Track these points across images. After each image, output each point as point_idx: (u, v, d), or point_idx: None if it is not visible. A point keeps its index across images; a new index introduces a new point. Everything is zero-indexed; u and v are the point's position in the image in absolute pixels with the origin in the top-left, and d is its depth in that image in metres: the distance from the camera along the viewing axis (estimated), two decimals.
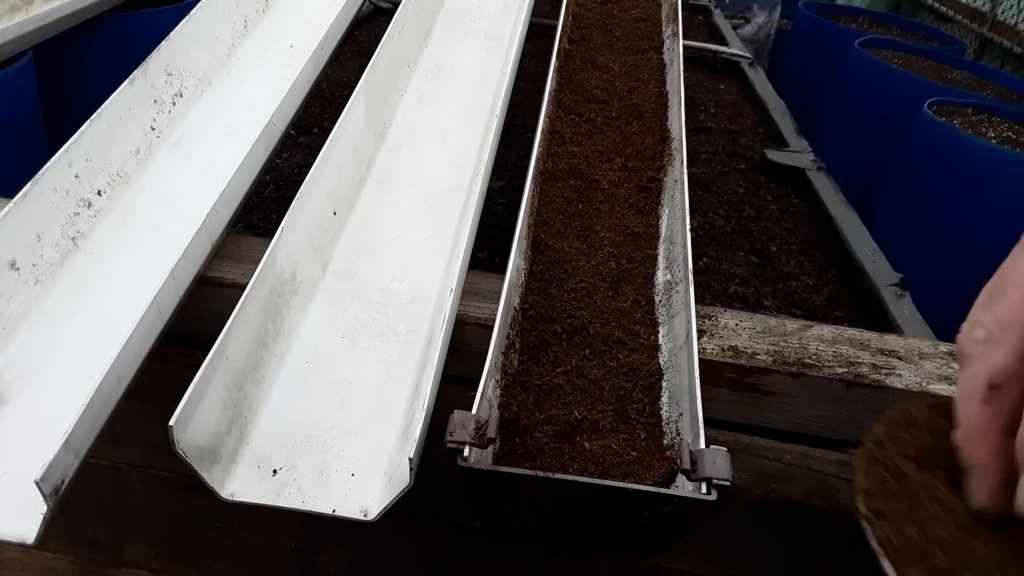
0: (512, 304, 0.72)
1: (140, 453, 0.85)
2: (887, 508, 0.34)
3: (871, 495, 0.35)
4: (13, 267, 0.71)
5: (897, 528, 0.33)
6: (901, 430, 0.40)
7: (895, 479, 0.36)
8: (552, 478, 0.52)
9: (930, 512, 0.35)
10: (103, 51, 1.79)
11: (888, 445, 0.39)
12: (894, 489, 0.36)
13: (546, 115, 0.94)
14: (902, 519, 0.34)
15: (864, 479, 0.37)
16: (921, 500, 0.35)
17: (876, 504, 0.35)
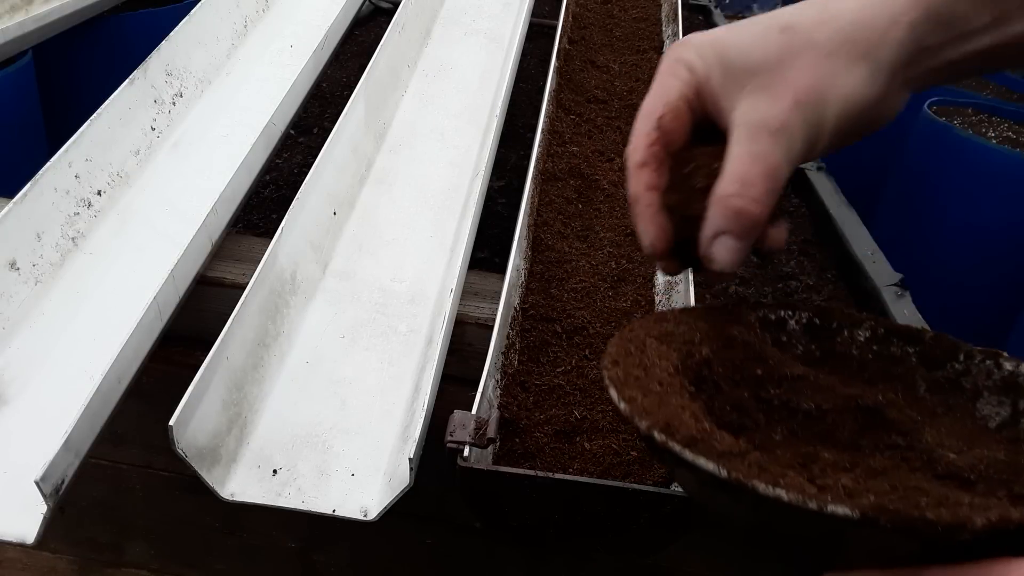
0: (512, 304, 0.72)
1: (140, 453, 0.85)
2: (622, 361, 0.44)
3: (612, 356, 0.44)
4: (13, 267, 0.71)
5: (626, 371, 0.43)
6: (652, 322, 0.49)
7: (636, 348, 0.46)
8: (552, 478, 0.52)
9: (654, 362, 0.44)
10: (103, 51, 1.78)
11: (638, 329, 0.48)
12: (633, 352, 0.45)
13: (546, 115, 0.94)
14: (632, 367, 0.43)
15: (612, 348, 0.45)
16: (650, 355, 0.45)
17: (614, 359, 0.44)
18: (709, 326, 0.49)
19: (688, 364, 0.46)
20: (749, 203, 0.43)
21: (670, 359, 0.45)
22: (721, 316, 0.51)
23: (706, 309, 0.52)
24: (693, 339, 0.48)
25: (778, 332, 0.51)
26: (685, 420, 0.39)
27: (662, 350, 0.46)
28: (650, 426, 0.38)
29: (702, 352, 0.47)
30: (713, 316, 0.50)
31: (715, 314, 0.51)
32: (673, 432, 0.38)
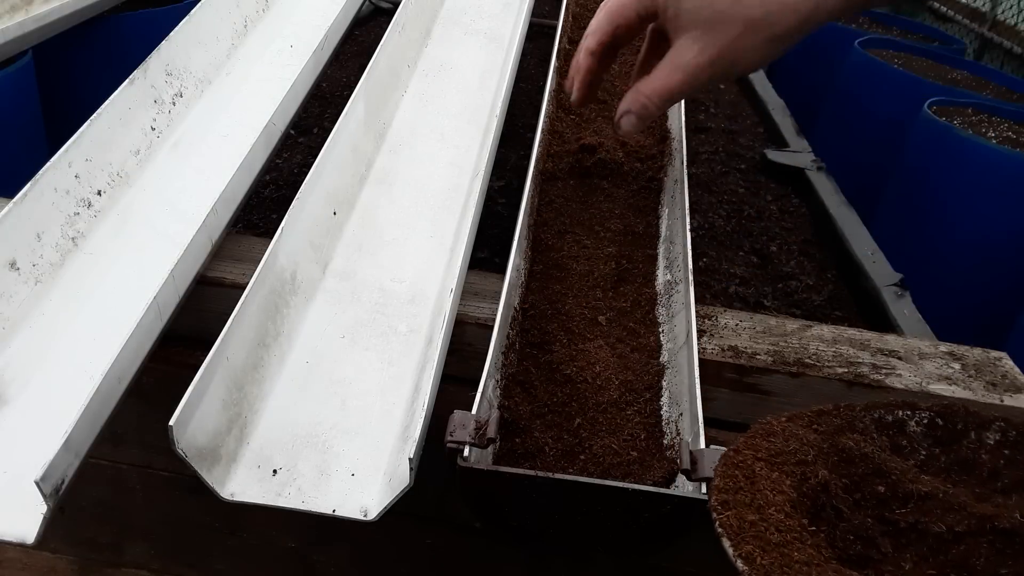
0: (512, 304, 0.72)
1: (140, 453, 0.85)
2: (732, 500, 0.40)
3: (721, 491, 0.41)
4: (13, 267, 0.71)
5: (739, 515, 0.39)
6: (759, 438, 0.46)
7: (745, 477, 0.42)
8: (552, 478, 0.52)
9: (768, 499, 0.41)
10: (103, 51, 1.78)
11: (744, 451, 0.44)
12: (742, 485, 0.41)
13: (546, 115, 0.94)
14: (744, 508, 0.40)
15: (719, 479, 0.42)
16: (762, 489, 0.41)
17: (724, 497, 0.41)
18: (821, 438, 0.46)
19: (804, 491, 0.42)
20: (651, 105, 0.62)
21: (784, 491, 0.42)
22: (833, 422, 0.47)
23: (817, 414, 0.49)
24: (806, 457, 0.45)
25: (897, 435, 0.48)
26: None
27: (775, 479, 0.42)
28: None
29: (818, 474, 0.44)
30: (824, 422, 0.47)
31: (826, 420, 0.48)
32: None
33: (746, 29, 0.55)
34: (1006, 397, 0.72)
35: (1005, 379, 0.75)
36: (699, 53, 0.57)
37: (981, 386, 0.73)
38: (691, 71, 0.58)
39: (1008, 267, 1.88)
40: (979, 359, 0.77)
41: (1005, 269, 1.89)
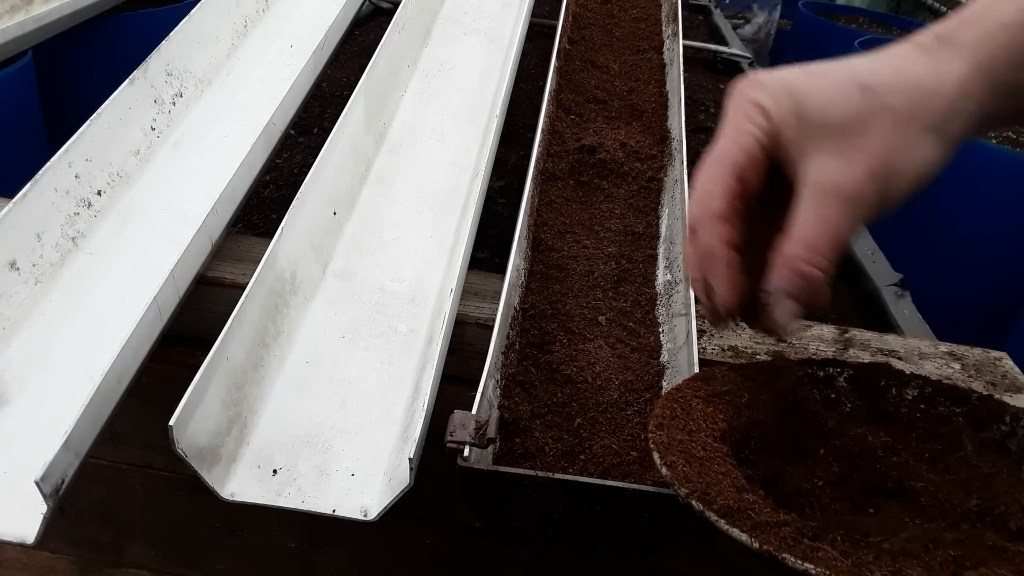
0: (512, 304, 0.72)
1: (140, 453, 0.85)
2: (666, 424, 0.45)
3: (658, 417, 0.45)
4: (13, 267, 0.71)
5: (670, 435, 0.44)
6: (700, 381, 0.50)
7: (681, 409, 0.47)
8: (552, 478, 0.52)
9: (700, 426, 0.45)
10: (103, 51, 1.78)
11: (684, 389, 0.49)
12: (678, 414, 0.46)
13: (546, 115, 0.94)
14: (676, 431, 0.44)
15: (658, 408, 0.47)
16: (695, 418, 0.46)
17: (659, 421, 0.45)
18: (757, 385, 0.50)
19: (736, 426, 0.47)
20: (815, 268, 0.41)
21: (716, 422, 0.46)
22: (769, 374, 0.51)
23: (755, 367, 0.52)
24: (740, 400, 0.48)
25: (826, 390, 0.51)
26: (724, 489, 0.40)
27: (708, 412, 0.46)
28: (689, 493, 0.39)
29: (752, 414, 0.48)
30: (761, 374, 0.51)
31: (763, 373, 0.51)
32: (711, 501, 0.38)
33: (895, 121, 0.42)
34: (1006, 397, 0.72)
35: (1005, 379, 0.75)
36: (848, 166, 0.41)
37: (981, 386, 0.73)
38: (848, 194, 0.41)
39: (1008, 267, 1.88)
40: (979, 359, 0.77)
41: (1005, 269, 1.89)
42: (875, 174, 0.42)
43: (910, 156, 0.43)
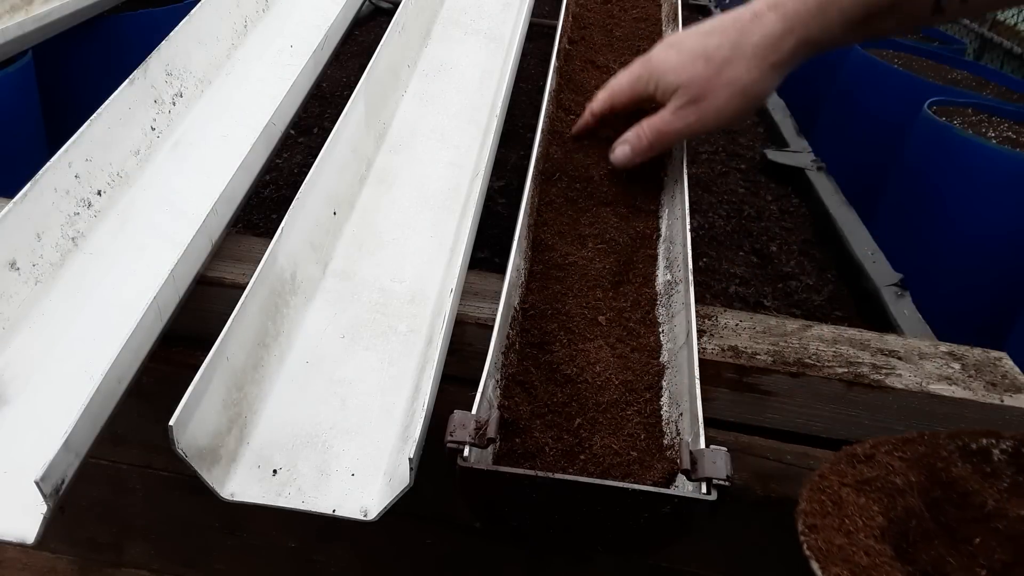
0: (512, 304, 0.72)
1: (140, 453, 0.85)
2: (820, 524, 0.41)
3: (808, 515, 0.42)
4: (13, 267, 0.71)
5: (827, 538, 0.40)
6: (844, 464, 0.47)
7: (832, 503, 0.43)
8: (552, 478, 0.52)
9: (857, 524, 0.41)
10: (103, 51, 1.78)
11: (830, 476, 0.45)
12: (829, 510, 0.42)
13: (546, 115, 0.94)
14: (833, 531, 0.40)
15: (805, 503, 0.43)
16: (850, 514, 0.42)
17: (811, 521, 0.41)
18: (907, 464, 0.47)
19: (893, 517, 0.43)
20: (644, 137, 0.79)
21: (873, 517, 0.43)
22: (918, 449, 0.48)
23: (901, 441, 0.50)
24: (894, 483, 0.46)
25: (981, 463, 0.48)
26: None
27: (862, 505, 0.43)
28: None
29: (907, 500, 0.45)
30: (909, 450, 0.48)
31: (911, 447, 0.49)
32: None
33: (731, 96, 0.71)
34: (1006, 397, 0.72)
35: (1005, 379, 0.75)
36: (688, 112, 0.74)
37: (981, 386, 0.73)
38: (683, 122, 0.75)
39: (1008, 267, 1.88)
40: (979, 359, 0.77)
41: (1005, 269, 1.89)
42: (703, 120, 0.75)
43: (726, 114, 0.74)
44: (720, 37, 0.70)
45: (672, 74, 0.73)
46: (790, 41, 0.68)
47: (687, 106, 0.73)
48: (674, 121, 0.75)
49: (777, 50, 0.68)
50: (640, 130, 0.78)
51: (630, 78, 0.79)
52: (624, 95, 0.81)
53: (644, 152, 0.79)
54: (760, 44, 0.68)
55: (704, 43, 0.71)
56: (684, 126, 0.75)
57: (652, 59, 0.76)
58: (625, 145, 0.80)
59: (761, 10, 0.68)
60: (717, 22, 0.72)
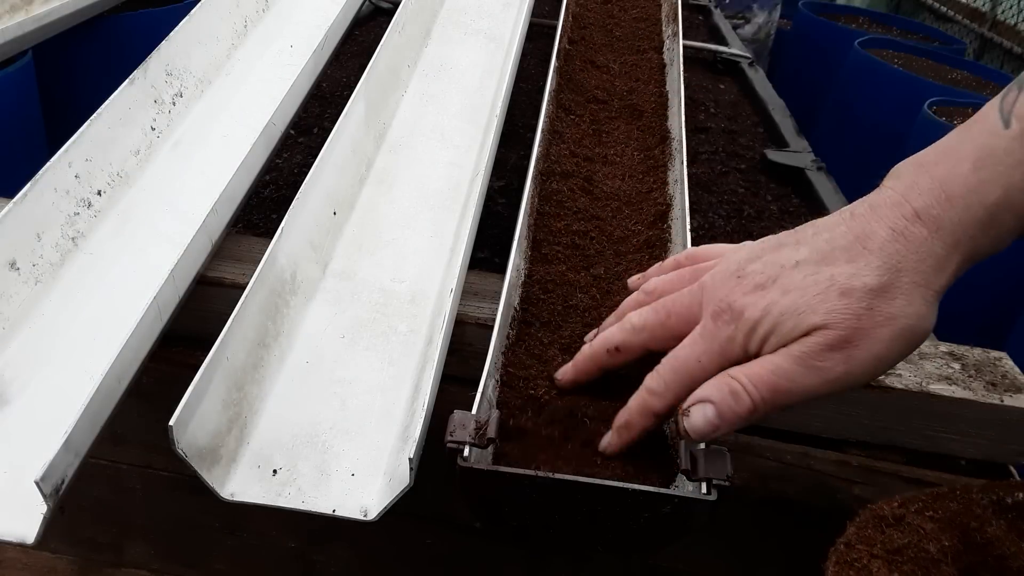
0: (512, 304, 0.72)
1: (140, 453, 0.85)
2: None
3: None
4: (13, 267, 0.71)
5: None
6: (871, 529, 0.44)
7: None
8: (552, 478, 0.52)
9: None
10: (103, 51, 1.78)
11: (858, 546, 0.43)
12: None
13: (546, 115, 0.94)
14: None
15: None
16: None
17: None
18: (940, 527, 0.44)
19: None
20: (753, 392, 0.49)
21: None
22: (949, 507, 0.45)
23: (932, 498, 0.47)
24: (927, 551, 0.42)
25: (1018, 519, 0.45)
26: None
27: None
28: None
29: (941, 572, 0.42)
30: (940, 507, 0.45)
31: (942, 504, 0.46)
32: None
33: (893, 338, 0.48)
34: (1006, 397, 0.72)
35: (1005, 379, 0.75)
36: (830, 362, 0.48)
37: (981, 386, 0.73)
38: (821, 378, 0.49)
39: (1008, 267, 1.88)
40: (979, 359, 0.77)
41: (1005, 269, 1.89)
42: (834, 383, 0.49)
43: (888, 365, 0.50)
44: (851, 264, 0.49)
45: (792, 316, 0.49)
46: (955, 261, 0.49)
47: (826, 354, 0.48)
48: (806, 375, 0.49)
49: (942, 272, 0.49)
50: (736, 384, 0.50)
51: (710, 344, 0.52)
52: (710, 371, 0.53)
53: (742, 419, 0.50)
54: (918, 269, 0.49)
55: (826, 273, 0.50)
56: (822, 382, 0.49)
57: (737, 308, 0.51)
58: (707, 407, 0.51)
59: (899, 225, 0.49)
60: (824, 241, 0.51)
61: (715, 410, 0.50)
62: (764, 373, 0.49)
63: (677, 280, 0.60)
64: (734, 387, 0.50)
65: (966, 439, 0.74)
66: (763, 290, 0.51)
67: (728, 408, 0.50)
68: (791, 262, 0.51)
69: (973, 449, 0.74)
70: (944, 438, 0.74)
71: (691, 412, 0.51)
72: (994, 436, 0.73)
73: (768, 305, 0.50)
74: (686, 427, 0.52)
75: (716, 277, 0.54)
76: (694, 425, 0.51)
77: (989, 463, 0.75)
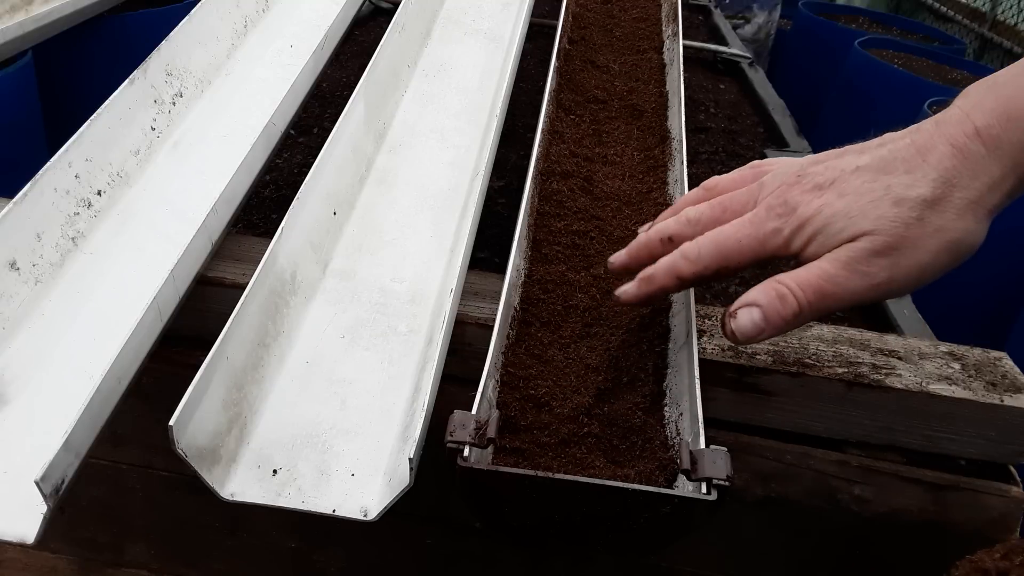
0: (512, 304, 0.72)
1: (140, 453, 0.85)
2: None
3: None
4: (13, 267, 0.71)
5: None
6: None
7: None
8: (552, 478, 0.52)
9: None
10: (103, 51, 1.78)
11: None
12: None
13: (546, 115, 0.94)
14: None
15: None
16: None
17: None
18: None
19: None
20: (799, 295, 0.51)
21: None
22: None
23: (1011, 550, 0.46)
24: None
25: None
26: None
27: None
28: None
29: None
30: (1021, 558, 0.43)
31: None
32: None
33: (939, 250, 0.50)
34: (1006, 397, 0.72)
35: (1005, 379, 0.75)
36: (875, 267, 0.50)
37: (981, 386, 0.73)
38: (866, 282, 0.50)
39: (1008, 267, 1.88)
40: (979, 359, 0.77)
41: (1005, 269, 1.89)
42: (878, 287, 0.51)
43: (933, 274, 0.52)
44: (909, 175, 0.51)
45: (843, 219, 0.51)
46: (1010, 181, 0.51)
47: (872, 259, 0.50)
48: (850, 279, 0.50)
49: (996, 191, 0.52)
50: (783, 288, 0.52)
51: (755, 229, 0.54)
52: (748, 252, 0.55)
53: (788, 322, 0.52)
54: (972, 186, 0.51)
55: (884, 182, 0.51)
56: (867, 287, 0.50)
57: (791, 203, 0.53)
58: (754, 309, 0.53)
59: (959, 141, 0.50)
60: (887, 152, 0.53)
61: (761, 313, 0.52)
62: (811, 277, 0.51)
63: (739, 178, 0.61)
64: (781, 291, 0.51)
65: (966, 439, 0.74)
66: (820, 191, 0.52)
67: (775, 311, 0.51)
68: (851, 167, 0.53)
69: (973, 449, 0.74)
70: (944, 438, 0.74)
71: (738, 314, 0.53)
72: (994, 436, 0.73)
73: (822, 206, 0.51)
74: (733, 328, 0.53)
75: (776, 176, 0.56)
76: (741, 326, 0.53)
77: (989, 463, 0.75)
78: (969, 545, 0.56)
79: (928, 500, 0.75)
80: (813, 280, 0.51)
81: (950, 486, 0.75)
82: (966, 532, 0.75)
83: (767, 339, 0.54)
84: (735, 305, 0.53)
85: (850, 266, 0.50)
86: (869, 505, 0.76)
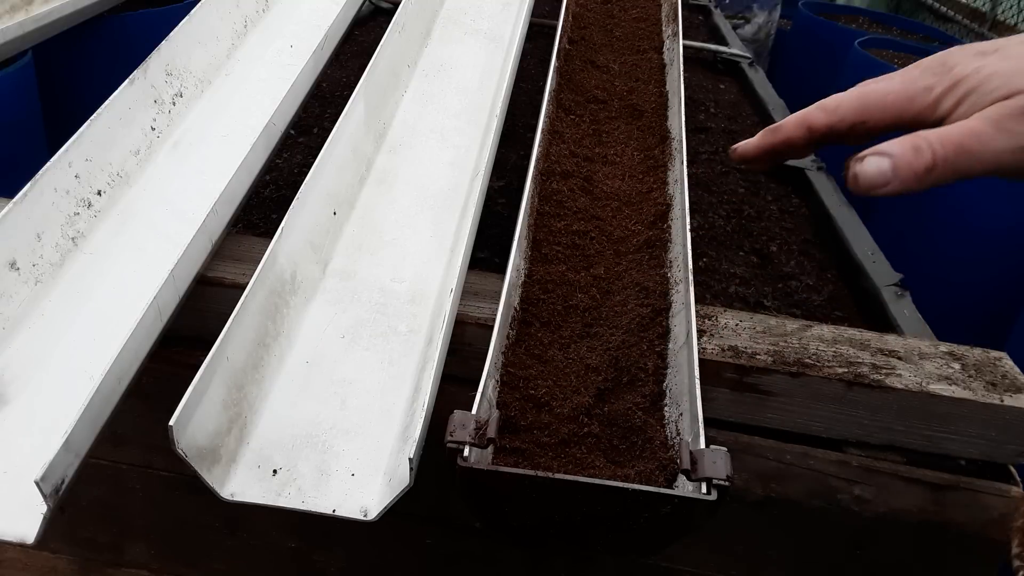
0: (512, 304, 0.72)
1: (140, 453, 0.85)
2: None
3: None
4: (13, 267, 0.71)
5: None
6: None
7: None
8: (552, 478, 0.52)
9: None
10: (103, 51, 1.78)
11: None
12: None
13: (546, 115, 0.94)
14: None
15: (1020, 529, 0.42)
16: None
17: None
18: None
19: None
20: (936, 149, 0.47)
21: None
22: None
23: None
24: None
25: None
26: None
27: None
28: None
29: None
30: None
31: None
32: None
33: None
34: (1006, 397, 0.72)
35: (1005, 379, 0.75)
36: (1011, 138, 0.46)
37: (981, 386, 0.73)
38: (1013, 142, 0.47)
39: (1008, 267, 1.88)
40: (979, 359, 0.77)
41: (1005, 269, 1.89)
42: None
43: None
44: None
45: (1001, 78, 0.48)
46: None
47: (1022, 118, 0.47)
48: (996, 137, 0.47)
49: None
50: (920, 141, 0.49)
51: (905, 83, 0.52)
52: (892, 108, 0.52)
53: (919, 177, 0.49)
54: None
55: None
56: (1012, 148, 0.47)
57: (950, 63, 0.51)
58: (883, 159, 0.49)
59: None
60: None
61: (891, 163, 0.48)
62: (953, 133, 0.48)
63: None
64: (917, 143, 0.48)
65: (966, 439, 0.74)
66: (983, 55, 0.50)
67: (906, 163, 0.48)
68: (1019, 39, 0.50)
69: (973, 449, 0.74)
70: (944, 438, 0.74)
71: (866, 160, 0.48)
72: (994, 436, 0.73)
73: (981, 66, 0.49)
74: (855, 171, 0.49)
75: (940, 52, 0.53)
76: (865, 171, 0.48)
77: (989, 463, 0.75)
78: (969, 545, 0.56)
79: (928, 500, 0.75)
80: (955, 135, 0.47)
81: (950, 486, 0.75)
82: (966, 532, 0.75)
83: (893, 193, 0.49)
84: (864, 152, 0.49)
85: (999, 123, 0.47)
86: (869, 505, 0.76)
